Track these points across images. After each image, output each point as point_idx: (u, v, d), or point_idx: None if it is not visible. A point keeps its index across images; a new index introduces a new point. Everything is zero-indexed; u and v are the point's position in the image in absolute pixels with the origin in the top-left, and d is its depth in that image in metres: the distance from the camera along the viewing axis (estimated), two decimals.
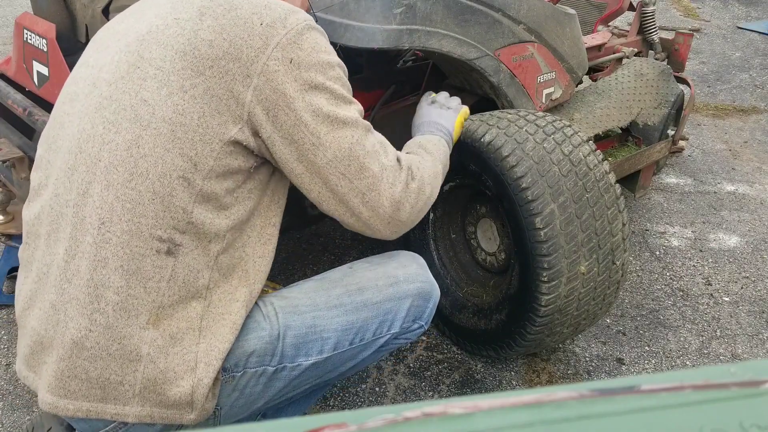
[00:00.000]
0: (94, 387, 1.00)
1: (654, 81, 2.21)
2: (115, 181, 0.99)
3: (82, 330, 0.99)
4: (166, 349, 1.00)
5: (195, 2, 1.05)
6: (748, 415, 0.39)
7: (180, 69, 0.99)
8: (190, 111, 0.99)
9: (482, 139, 1.51)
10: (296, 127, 1.03)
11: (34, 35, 1.72)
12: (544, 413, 0.38)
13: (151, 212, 0.98)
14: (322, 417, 0.39)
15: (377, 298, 1.18)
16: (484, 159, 1.50)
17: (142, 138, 0.99)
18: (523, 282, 1.49)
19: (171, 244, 1.00)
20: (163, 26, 1.04)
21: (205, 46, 1.00)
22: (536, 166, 1.44)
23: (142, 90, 1.00)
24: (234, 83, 1.00)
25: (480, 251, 1.80)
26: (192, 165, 0.99)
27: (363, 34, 1.52)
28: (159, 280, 1.00)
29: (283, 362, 1.11)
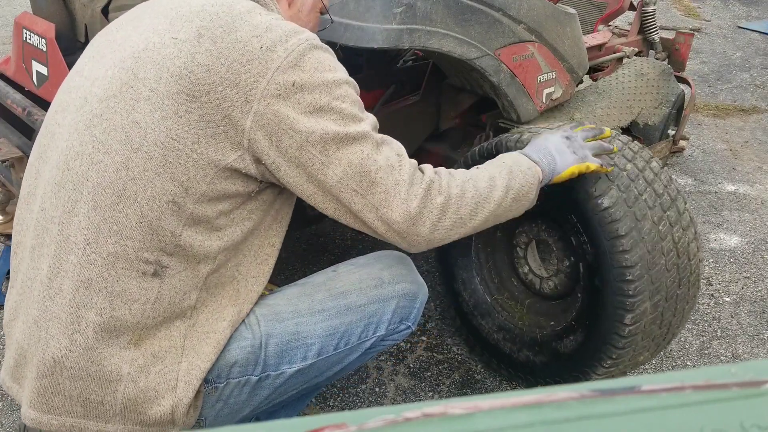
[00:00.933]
0: (76, 404, 0.99)
1: (655, 81, 2.21)
2: (102, 203, 0.97)
3: (62, 350, 0.97)
4: (147, 369, 0.99)
5: (194, 21, 1.01)
6: (748, 415, 0.39)
7: (175, 93, 0.96)
8: (183, 136, 0.96)
9: (599, 200, 1.34)
10: (302, 149, 0.99)
11: (33, 35, 1.72)
12: (544, 414, 0.38)
13: (138, 235, 0.97)
14: (322, 417, 0.39)
15: (361, 300, 1.15)
16: (593, 222, 1.36)
17: (132, 161, 0.96)
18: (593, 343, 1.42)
19: (158, 266, 0.98)
20: (159, 44, 1.00)
21: (201, 71, 0.96)
22: (648, 256, 1.33)
23: (134, 111, 0.97)
24: (232, 110, 0.96)
25: (527, 269, 1.72)
26: (183, 190, 0.97)
27: (363, 34, 1.52)
28: (144, 302, 0.98)
29: (267, 371, 1.09)
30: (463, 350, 1.84)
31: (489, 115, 2.09)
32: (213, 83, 0.96)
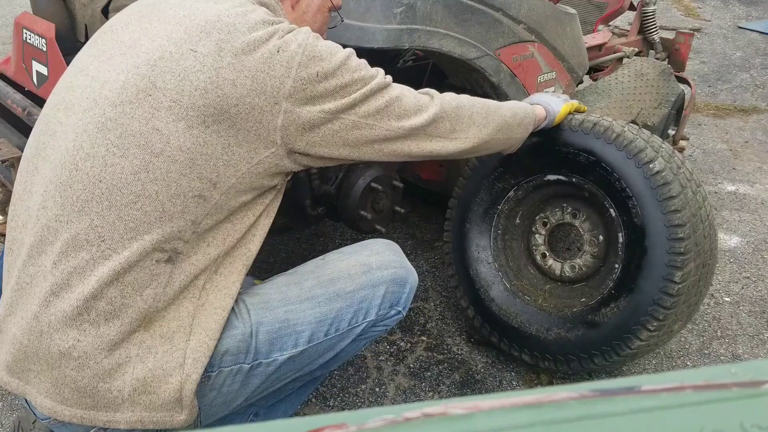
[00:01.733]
0: (84, 396, 1.00)
1: (654, 81, 2.21)
2: (118, 202, 0.98)
3: (69, 341, 0.98)
4: (155, 348, 1.00)
5: (213, 34, 1.03)
6: (748, 415, 0.39)
7: (201, 106, 0.99)
8: (213, 143, 1.00)
9: (650, 165, 1.48)
10: (336, 121, 1.07)
11: (33, 35, 1.72)
12: (544, 414, 0.38)
13: (157, 229, 0.99)
14: (322, 417, 0.39)
15: (350, 287, 1.17)
16: (645, 185, 1.48)
17: (153, 164, 0.98)
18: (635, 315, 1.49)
19: (173, 252, 1.00)
20: (177, 55, 1.02)
21: (228, 85, 1.00)
22: (693, 219, 1.46)
23: (154, 119, 0.99)
24: (262, 115, 1.02)
25: (544, 255, 1.76)
26: (211, 185, 1.01)
27: (363, 34, 1.52)
28: (156, 287, 1.00)
29: (258, 359, 1.10)
30: (463, 350, 1.84)
31: None
32: (241, 95, 1.00)
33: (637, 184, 1.50)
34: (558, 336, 1.60)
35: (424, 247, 2.31)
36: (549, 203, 1.75)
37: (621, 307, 1.52)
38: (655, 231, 1.47)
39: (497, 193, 1.73)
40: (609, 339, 1.53)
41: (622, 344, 1.51)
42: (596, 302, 1.59)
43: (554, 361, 1.62)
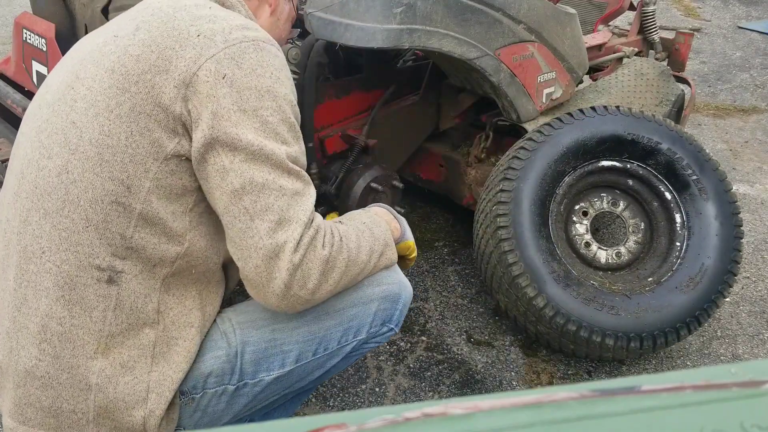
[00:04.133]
0: (48, 416, 0.97)
1: (654, 80, 2.21)
2: (50, 209, 0.94)
3: (32, 359, 0.96)
4: (115, 379, 0.96)
5: (137, 18, 0.99)
6: (748, 415, 0.39)
7: (107, 88, 0.93)
8: (116, 131, 0.92)
9: (705, 150, 1.77)
10: (210, 147, 0.93)
11: (33, 35, 1.72)
12: (544, 414, 0.38)
13: (86, 240, 0.94)
14: (322, 417, 0.39)
15: (340, 304, 1.11)
16: (708, 167, 1.74)
17: (71, 163, 0.94)
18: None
19: (112, 272, 0.95)
20: (102, 44, 0.99)
21: (132, 61, 0.93)
22: None
23: (72, 112, 0.95)
24: (161, 96, 0.92)
25: (587, 244, 1.83)
26: (125, 188, 0.93)
27: (363, 34, 1.52)
28: (104, 309, 0.95)
29: (244, 379, 1.07)
30: (463, 350, 1.84)
31: (489, 115, 2.10)
32: (142, 71, 0.93)
33: (703, 167, 1.73)
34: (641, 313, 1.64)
35: (424, 247, 2.31)
36: (588, 193, 1.84)
37: (709, 273, 1.68)
38: (722, 208, 1.71)
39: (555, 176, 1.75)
40: (701, 303, 1.66)
41: (711, 305, 1.66)
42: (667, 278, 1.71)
43: (640, 339, 1.62)
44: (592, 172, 1.80)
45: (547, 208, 1.73)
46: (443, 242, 2.35)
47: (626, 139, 1.76)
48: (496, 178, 1.76)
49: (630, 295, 1.66)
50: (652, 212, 1.82)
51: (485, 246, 1.72)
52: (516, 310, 1.70)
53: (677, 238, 1.75)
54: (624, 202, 1.86)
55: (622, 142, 1.76)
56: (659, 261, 1.77)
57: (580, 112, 1.78)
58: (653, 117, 1.78)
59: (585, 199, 1.85)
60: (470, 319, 1.96)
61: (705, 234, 1.71)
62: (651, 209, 1.82)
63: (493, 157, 2.08)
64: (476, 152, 2.08)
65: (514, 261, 1.65)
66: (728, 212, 1.72)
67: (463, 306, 2.02)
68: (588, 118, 1.76)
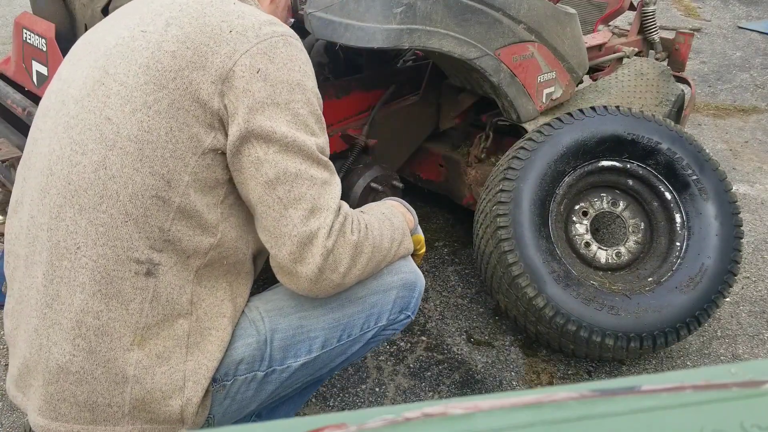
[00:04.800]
0: (83, 410, 0.98)
1: (654, 80, 2.21)
2: (86, 205, 0.95)
3: (66, 355, 0.97)
4: (152, 369, 0.98)
5: (164, 14, 1.00)
6: (748, 415, 0.39)
7: (143, 84, 0.95)
8: (156, 127, 0.94)
9: (705, 150, 1.78)
10: (245, 140, 0.96)
11: (33, 35, 1.72)
12: (544, 414, 0.38)
13: (125, 235, 0.95)
14: (322, 417, 0.39)
15: (362, 292, 1.15)
16: (707, 167, 1.75)
17: (109, 159, 0.95)
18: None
19: (150, 264, 0.97)
20: (129, 39, 0.99)
21: (167, 57, 0.95)
22: None
23: (106, 108, 0.96)
24: (200, 92, 0.95)
25: (587, 244, 1.83)
26: (165, 183, 0.95)
27: (363, 34, 1.52)
28: (141, 302, 0.97)
29: (273, 366, 1.10)
30: (463, 350, 1.84)
31: (489, 115, 2.10)
32: (179, 68, 0.95)
33: (703, 167, 1.74)
34: (642, 312, 1.64)
35: None
36: (588, 193, 1.85)
37: (709, 273, 1.69)
38: (722, 207, 1.71)
39: (556, 176, 1.76)
40: (702, 302, 1.67)
41: (713, 303, 1.66)
42: (667, 279, 1.71)
43: (640, 339, 1.62)
44: (592, 172, 1.80)
45: (547, 208, 1.73)
46: (443, 242, 2.35)
47: (626, 139, 1.76)
48: (496, 178, 1.76)
49: (630, 295, 1.66)
50: (652, 212, 1.82)
51: (485, 246, 1.72)
52: (516, 310, 1.70)
53: (677, 238, 1.76)
54: (624, 202, 1.86)
55: (622, 142, 1.76)
56: (659, 261, 1.77)
57: (580, 112, 1.78)
58: (653, 117, 1.78)
59: (585, 199, 1.85)
60: (470, 319, 1.96)
61: (705, 234, 1.71)
62: (651, 209, 1.82)
63: (493, 157, 2.08)
64: (476, 152, 2.08)
65: (514, 261, 1.65)
66: (728, 212, 1.72)
67: (463, 306, 2.02)
68: (588, 118, 1.76)
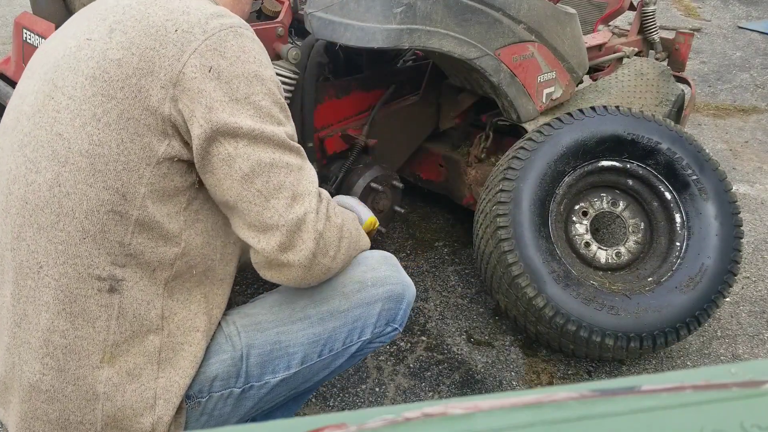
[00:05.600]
0: (56, 428, 0.96)
1: (654, 80, 2.21)
2: (44, 224, 0.93)
3: (36, 374, 0.95)
4: (122, 387, 0.96)
5: (108, 19, 0.96)
6: (748, 415, 0.39)
7: (91, 96, 0.91)
8: (107, 140, 0.90)
9: (705, 150, 1.78)
10: (211, 140, 0.92)
11: (33, 35, 1.72)
12: (544, 414, 0.38)
13: (84, 252, 0.92)
14: (322, 417, 0.39)
15: (344, 305, 1.11)
16: (707, 167, 1.75)
17: (62, 176, 0.92)
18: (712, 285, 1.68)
19: (112, 281, 0.94)
20: (75, 48, 0.95)
21: (113, 66, 0.91)
22: None
23: (56, 123, 0.92)
24: (149, 99, 0.91)
25: (586, 243, 1.84)
26: (120, 197, 0.92)
27: (363, 34, 1.52)
28: (107, 319, 0.94)
29: (250, 382, 1.07)
30: (463, 350, 1.84)
31: (489, 115, 2.10)
32: (126, 76, 0.91)
33: (703, 167, 1.74)
34: (642, 313, 1.64)
35: (424, 247, 2.31)
36: (588, 193, 1.85)
37: (707, 273, 1.69)
38: (722, 207, 1.72)
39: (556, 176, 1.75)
40: (701, 302, 1.67)
41: (714, 302, 1.66)
42: (667, 278, 1.71)
43: (640, 339, 1.62)
44: (591, 172, 1.80)
45: (546, 208, 1.73)
46: (443, 242, 2.35)
47: (626, 139, 1.76)
48: (496, 178, 1.76)
49: (630, 295, 1.66)
50: (652, 212, 1.82)
51: (485, 246, 1.72)
52: (516, 310, 1.70)
53: (677, 238, 1.76)
54: (624, 202, 1.86)
55: (622, 142, 1.76)
56: (659, 261, 1.77)
57: (580, 112, 1.78)
58: (653, 117, 1.78)
59: (585, 199, 1.85)
60: (470, 319, 1.96)
61: (705, 234, 1.71)
62: (651, 209, 1.83)
63: (493, 157, 2.08)
64: (476, 152, 2.08)
65: (514, 261, 1.65)
66: (728, 212, 1.73)
67: (463, 306, 2.02)
68: (588, 118, 1.76)
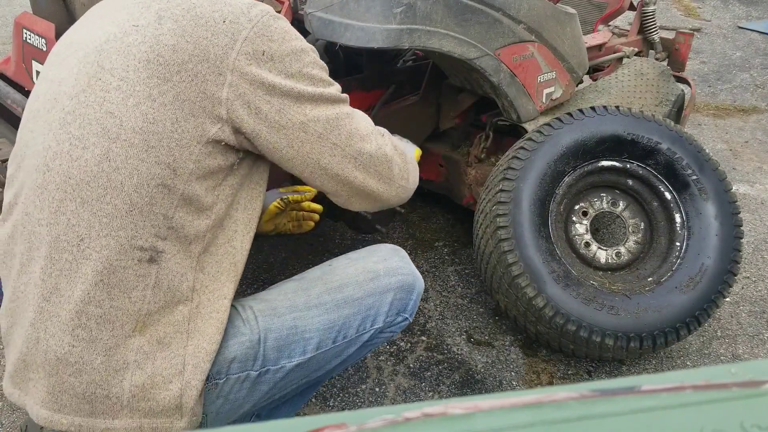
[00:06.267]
0: (82, 402, 0.98)
1: (654, 80, 2.21)
2: (89, 198, 0.96)
3: (65, 346, 0.97)
4: (153, 355, 0.99)
5: (152, 7, 1.02)
6: (748, 415, 0.39)
7: (146, 78, 0.97)
8: (161, 118, 0.97)
9: (705, 150, 1.79)
10: (281, 113, 1.02)
11: (33, 35, 1.72)
12: (544, 414, 0.38)
13: (130, 224, 0.97)
14: (322, 417, 0.39)
15: (358, 294, 1.16)
16: (707, 167, 1.75)
17: (113, 151, 0.96)
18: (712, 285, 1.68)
19: (153, 252, 0.98)
20: (121, 34, 1.01)
21: (168, 51, 0.98)
22: None
23: (106, 102, 0.98)
24: (206, 84, 0.98)
25: (586, 243, 1.84)
26: (171, 171, 0.98)
27: (363, 34, 1.52)
28: (143, 289, 0.98)
29: (266, 366, 1.10)
30: (463, 350, 1.84)
31: (489, 115, 2.10)
32: (182, 61, 0.98)
33: (703, 167, 1.74)
34: (642, 313, 1.64)
35: (424, 247, 2.31)
36: (588, 193, 1.85)
37: (707, 273, 1.69)
38: (722, 207, 1.72)
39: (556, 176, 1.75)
40: (701, 302, 1.66)
41: (715, 302, 1.66)
42: (667, 279, 1.71)
43: (640, 339, 1.62)
44: (591, 172, 1.80)
45: (546, 208, 1.73)
46: (443, 242, 2.35)
47: (626, 139, 1.76)
48: (496, 178, 1.76)
49: (630, 295, 1.66)
50: (652, 212, 1.82)
51: (485, 246, 1.73)
52: (516, 310, 1.70)
53: (677, 238, 1.76)
54: (624, 202, 1.86)
55: (622, 142, 1.76)
56: (659, 261, 1.77)
57: (580, 112, 1.78)
58: (653, 117, 1.78)
59: (585, 199, 1.85)
60: (470, 319, 1.96)
61: (705, 234, 1.71)
62: (651, 209, 1.83)
63: (493, 157, 2.08)
64: (476, 152, 2.08)
65: (514, 261, 1.65)
66: (728, 212, 1.72)
67: (463, 306, 2.02)
68: (588, 118, 1.76)
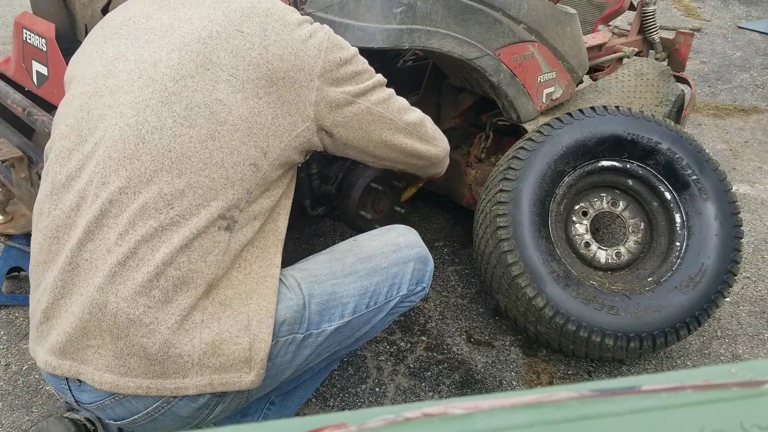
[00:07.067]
0: (153, 363, 1.04)
1: (654, 80, 2.21)
2: (188, 170, 1.06)
3: (140, 307, 1.03)
4: (217, 315, 1.07)
5: (254, 18, 1.17)
6: (748, 415, 0.39)
7: (255, 78, 1.12)
8: (265, 113, 1.13)
9: (705, 150, 1.79)
10: (354, 104, 1.23)
11: (33, 35, 1.72)
12: (544, 414, 0.38)
13: (222, 196, 1.08)
14: (322, 417, 0.39)
15: (385, 263, 1.30)
16: (707, 167, 1.75)
17: (218, 132, 1.09)
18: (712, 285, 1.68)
19: (231, 221, 1.10)
20: (225, 35, 1.14)
21: (276, 60, 1.15)
22: None
23: (216, 91, 1.10)
24: (302, 89, 1.17)
25: (586, 243, 1.84)
26: (263, 154, 1.13)
27: (363, 34, 1.52)
28: (217, 254, 1.08)
29: (310, 329, 1.20)
30: (463, 350, 1.84)
31: (489, 115, 2.10)
32: (287, 69, 1.15)
33: (703, 167, 1.75)
34: (642, 313, 1.64)
35: None
36: (588, 193, 1.85)
37: (706, 274, 1.69)
38: (722, 207, 1.72)
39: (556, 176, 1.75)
40: (701, 302, 1.67)
41: (715, 301, 1.67)
42: (667, 278, 1.71)
43: (640, 339, 1.62)
44: (591, 172, 1.80)
45: (546, 208, 1.73)
46: (443, 242, 2.35)
47: (626, 139, 1.76)
48: (496, 178, 1.76)
49: (630, 295, 1.66)
50: (652, 212, 1.82)
51: (485, 246, 1.73)
52: (516, 310, 1.70)
53: (677, 238, 1.76)
54: (624, 202, 1.86)
55: (622, 142, 1.76)
56: (659, 261, 1.77)
57: (580, 112, 1.78)
58: (653, 117, 1.78)
59: (585, 199, 1.85)
60: (470, 319, 1.96)
61: (705, 234, 1.71)
62: (651, 209, 1.82)
63: (493, 157, 2.08)
64: (476, 152, 2.08)
65: (514, 261, 1.65)
66: (728, 212, 1.72)
67: (463, 306, 2.02)
68: (588, 118, 1.76)
